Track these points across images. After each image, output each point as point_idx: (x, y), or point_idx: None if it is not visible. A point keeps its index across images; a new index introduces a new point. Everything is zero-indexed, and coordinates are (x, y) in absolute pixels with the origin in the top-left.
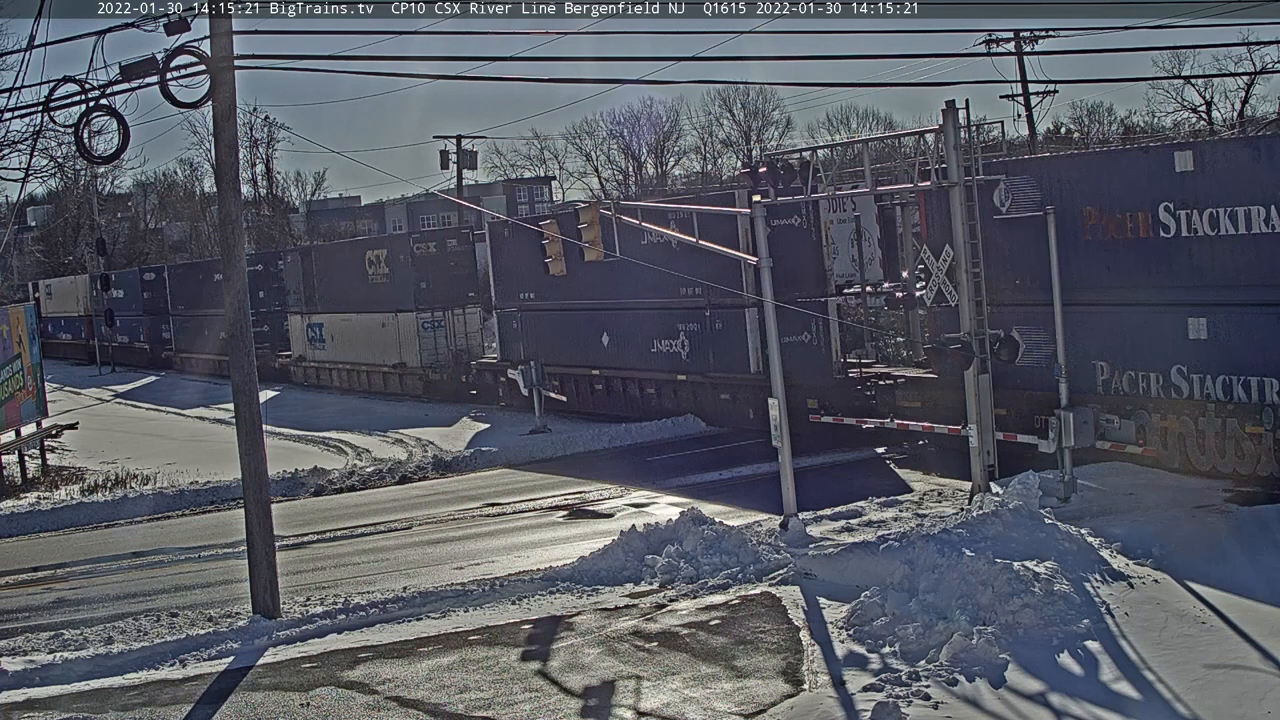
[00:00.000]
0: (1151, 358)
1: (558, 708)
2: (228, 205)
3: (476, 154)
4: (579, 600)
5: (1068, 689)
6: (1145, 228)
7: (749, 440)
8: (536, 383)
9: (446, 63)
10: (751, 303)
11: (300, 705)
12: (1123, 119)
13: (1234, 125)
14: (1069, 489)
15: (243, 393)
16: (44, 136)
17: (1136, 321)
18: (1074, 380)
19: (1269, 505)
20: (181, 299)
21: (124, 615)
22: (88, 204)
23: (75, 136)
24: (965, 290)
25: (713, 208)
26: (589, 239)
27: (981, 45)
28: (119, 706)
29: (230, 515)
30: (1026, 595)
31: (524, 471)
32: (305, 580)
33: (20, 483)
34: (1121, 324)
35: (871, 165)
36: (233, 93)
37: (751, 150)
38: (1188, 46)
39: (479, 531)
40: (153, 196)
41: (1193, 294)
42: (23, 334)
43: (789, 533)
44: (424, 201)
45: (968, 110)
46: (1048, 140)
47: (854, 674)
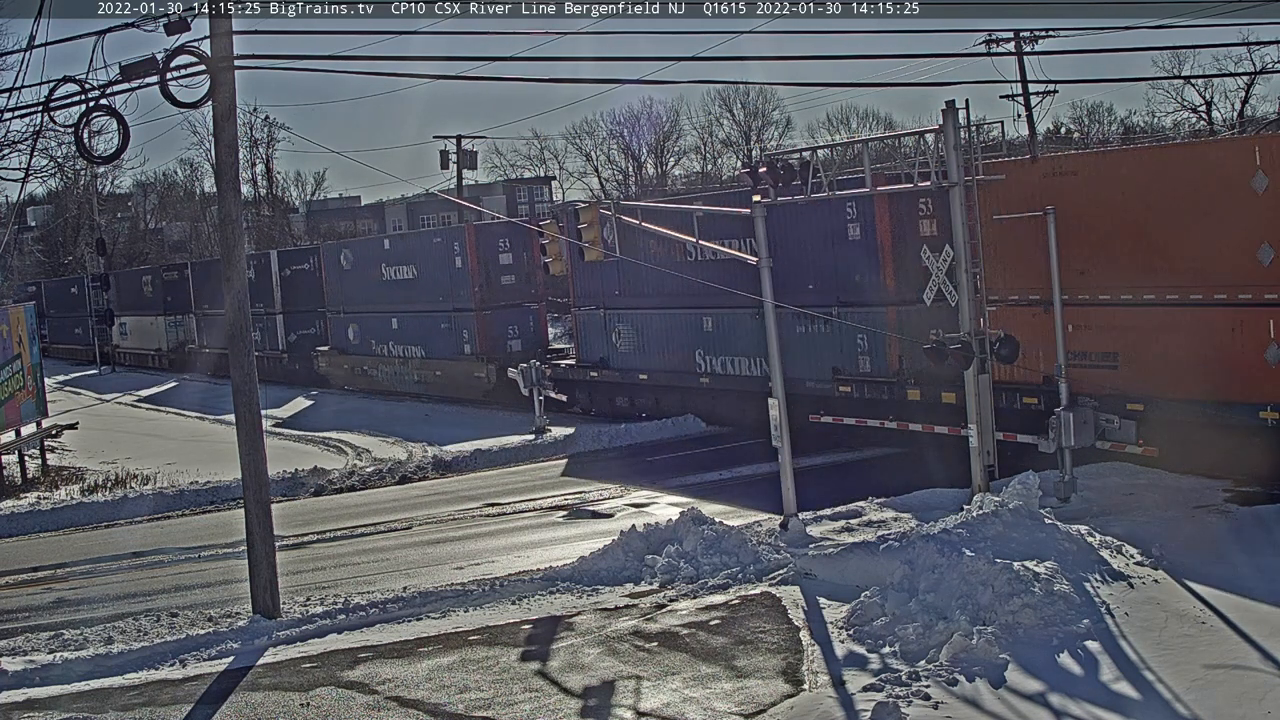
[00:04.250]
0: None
1: (558, 708)
2: (228, 205)
3: (476, 154)
4: (579, 600)
5: (1068, 689)
6: (681, 253)
7: (748, 440)
8: (536, 383)
9: (446, 63)
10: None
11: (300, 705)
12: (1123, 119)
13: (1234, 125)
14: (1069, 489)
15: (243, 393)
16: (44, 136)
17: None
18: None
19: (1269, 505)
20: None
21: (124, 615)
22: (88, 204)
23: (75, 136)
24: (965, 290)
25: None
26: (589, 239)
27: (981, 45)
28: (119, 706)
29: (230, 515)
30: (1026, 595)
31: (524, 471)
32: (305, 580)
33: (20, 483)
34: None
35: (871, 165)
36: (233, 93)
37: (751, 150)
38: (1188, 46)
39: (479, 531)
40: (153, 196)
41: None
42: (23, 334)
43: (789, 533)
44: (424, 201)
45: (968, 110)
46: (1048, 140)
47: (854, 674)
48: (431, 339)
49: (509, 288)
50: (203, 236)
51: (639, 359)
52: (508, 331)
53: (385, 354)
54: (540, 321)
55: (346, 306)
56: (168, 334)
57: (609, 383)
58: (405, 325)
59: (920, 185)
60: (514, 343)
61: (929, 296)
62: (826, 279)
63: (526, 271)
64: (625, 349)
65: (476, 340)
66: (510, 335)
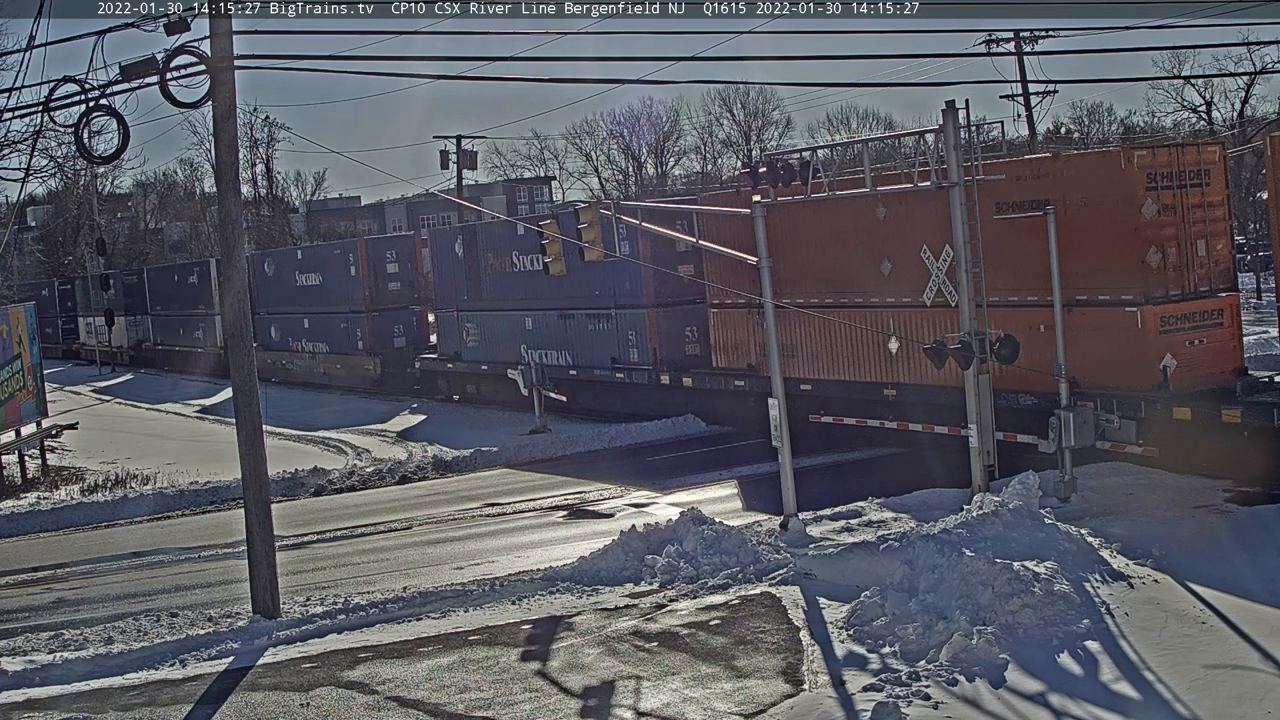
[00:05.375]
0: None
1: (558, 708)
2: (228, 205)
3: (476, 154)
4: (579, 600)
5: (1068, 689)
6: (507, 266)
7: (747, 440)
8: (536, 383)
9: (447, 63)
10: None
11: (300, 705)
12: (1123, 119)
13: (1234, 125)
14: (1069, 489)
15: (243, 393)
16: (44, 136)
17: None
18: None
19: (1269, 505)
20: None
21: (124, 615)
22: (88, 204)
23: (75, 136)
24: (965, 290)
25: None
26: (589, 239)
27: (981, 45)
28: (119, 706)
29: (230, 515)
30: (1026, 595)
31: (524, 471)
32: (305, 580)
33: (20, 483)
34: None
35: (871, 165)
36: (233, 93)
37: (751, 150)
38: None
39: (479, 531)
40: (153, 196)
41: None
42: (23, 334)
43: (789, 533)
44: (424, 201)
45: (968, 110)
46: (1048, 140)
47: (854, 674)
48: (333, 336)
49: (395, 292)
50: (203, 236)
51: (482, 352)
52: (393, 330)
53: (300, 350)
54: (422, 322)
55: (270, 308)
56: (128, 333)
57: (460, 372)
58: (313, 325)
59: (920, 185)
60: (399, 340)
61: (929, 297)
62: (607, 287)
63: (410, 279)
64: (473, 344)
65: (367, 338)
66: (396, 334)
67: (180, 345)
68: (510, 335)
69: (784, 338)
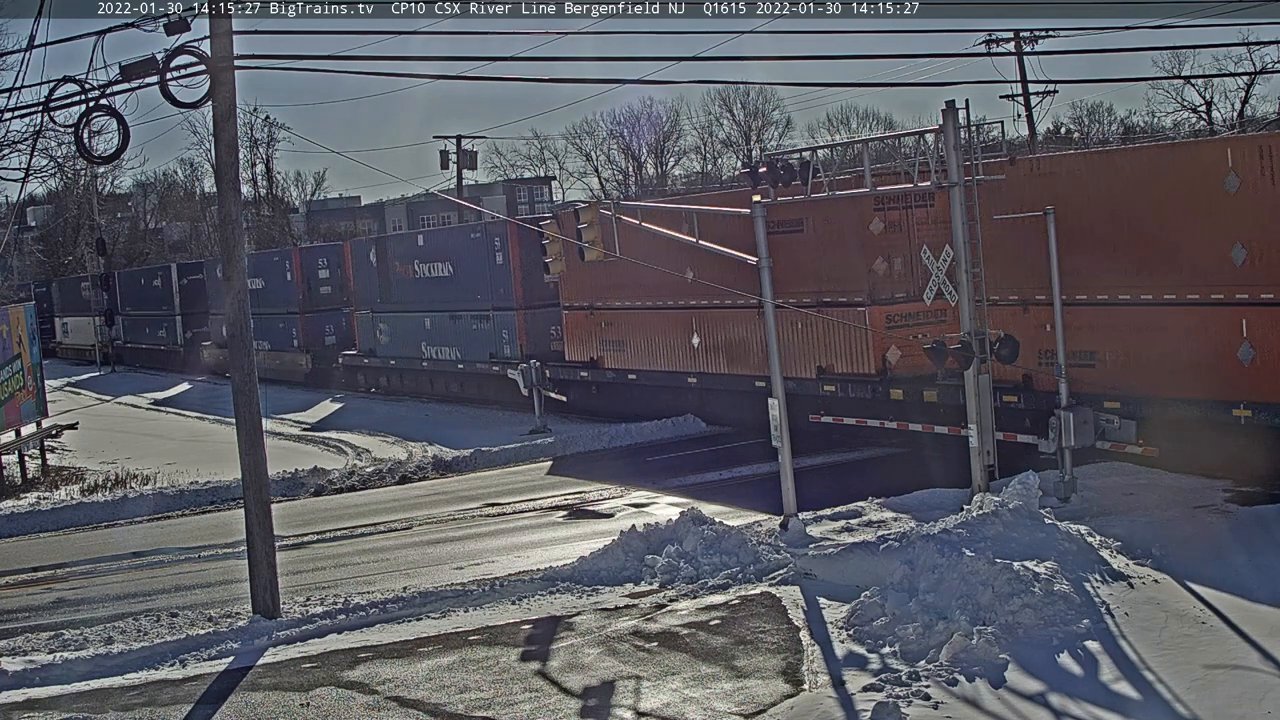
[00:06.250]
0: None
1: (558, 708)
2: (228, 205)
3: (476, 154)
4: (579, 600)
5: (1068, 689)
6: (411, 273)
7: (747, 440)
8: (536, 383)
9: (446, 63)
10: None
11: (300, 705)
12: (1123, 119)
13: (1234, 125)
14: (1069, 489)
15: (243, 393)
16: (44, 136)
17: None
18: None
19: (1269, 505)
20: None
21: (124, 615)
22: (88, 204)
23: (75, 136)
24: (965, 290)
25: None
26: (590, 238)
27: (981, 45)
28: (119, 706)
29: (230, 515)
30: (1026, 595)
31: (524, 471)
32: (305, 580)
33: (20, 483)
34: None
35: (871, 165)
36: (233, 93)
37: (751, 150)
38: (1188, 46)
39: (479, 531)
40: (153, 196)
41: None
42: (23, 334)
43: (789, 533)
44: (424, 201)
45: (968, 110)
46: (1048, 140)
47: (854, 674)
48: (273, 335)
49: (326, 295)
50: (203, 236)
51: (393, 348)
52: (325, 329)
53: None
54: (351, 322)
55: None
56: (101, 332)
57: (375, 367)
58: (257, 325)
59: (920, 185)
60: (330, 338)
61: (929, 296)
62: (486, 292)
63: (339, 283)
64: (385, 341)
65: (300, 336)
66: (327, 333)
67: (146, 343)
68: (414, 334)
69: (616, 335)
